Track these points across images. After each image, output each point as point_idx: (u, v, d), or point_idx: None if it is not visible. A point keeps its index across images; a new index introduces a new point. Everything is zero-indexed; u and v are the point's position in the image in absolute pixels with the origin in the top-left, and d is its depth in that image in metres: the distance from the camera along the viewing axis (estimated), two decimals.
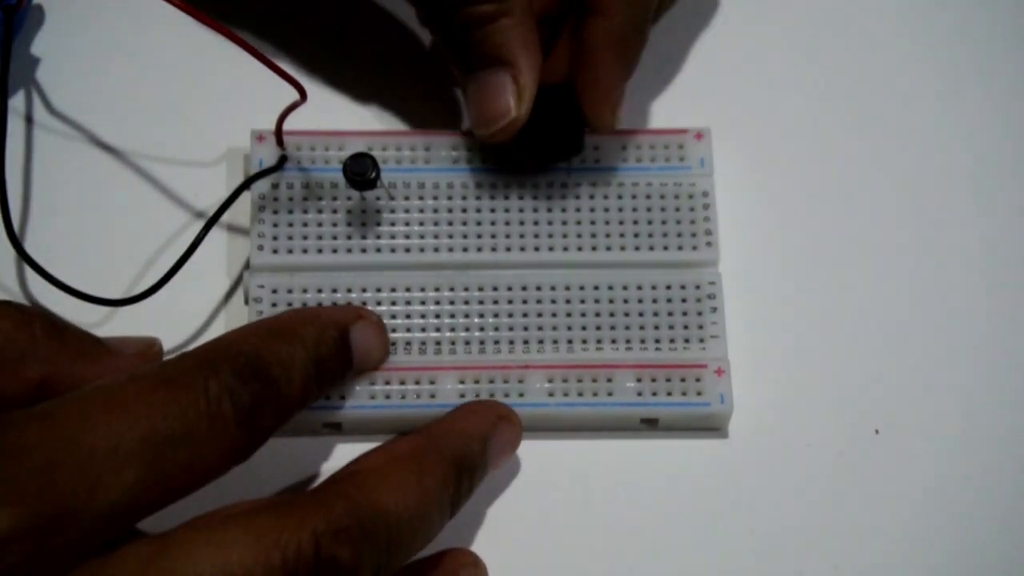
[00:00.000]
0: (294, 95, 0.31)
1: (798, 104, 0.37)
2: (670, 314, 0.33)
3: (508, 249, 0.34)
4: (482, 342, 0.33)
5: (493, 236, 0.34)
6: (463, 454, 0.29)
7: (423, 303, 0.33)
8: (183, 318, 0.33)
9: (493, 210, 0.34)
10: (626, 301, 0.33)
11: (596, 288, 0.33)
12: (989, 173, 0.36)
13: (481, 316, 0.33)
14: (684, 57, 0.37)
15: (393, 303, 0.33)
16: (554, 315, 0.33)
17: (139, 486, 0.24)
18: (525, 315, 0.33)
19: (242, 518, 0.24)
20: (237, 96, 0.36)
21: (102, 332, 0.33)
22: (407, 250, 0.33)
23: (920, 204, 0.36)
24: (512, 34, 0.31)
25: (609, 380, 0.32)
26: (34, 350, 0.27)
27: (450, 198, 0.34)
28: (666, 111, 0.36)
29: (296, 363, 0.27)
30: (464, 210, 0.34)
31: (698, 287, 0.33)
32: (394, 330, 0.33)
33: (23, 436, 0.23)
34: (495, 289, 0.33)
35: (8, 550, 0.22)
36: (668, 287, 0.33)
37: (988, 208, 0.36)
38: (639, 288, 0.33)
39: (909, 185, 0.36)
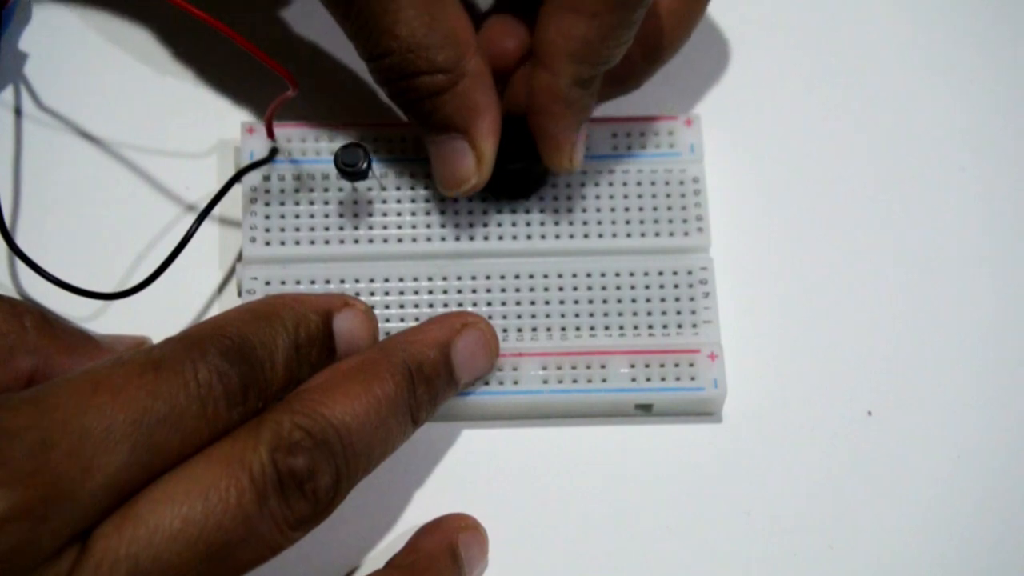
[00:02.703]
0: (284, 86, 0.31)
1: (787, 89, 0.37)
2: (663, 300, 0.33)
3: (500, 238, 0.34)
4: None
5: (485, 225, 0.34)
6: (417, 361, 0.29)
7: (416, 292, 0.33)
8: (176, 311, 0.33)
9: (484, 199, 0.34)
10: (619, 288, 0.33)
11: (588, 275, 0.33)
12: (980, 154, 0.36)
13: (474, 305, 0.33)
14: None
15: (386, 293, 0.33)
16: (547, 302, 0.33)
17: (132, 467, 0.24)
18: (518, 303, 0.33)
19: (202, 452, 0.25)
20: (227, 88, 0.36)
21: (95, 326, 0.33)
22: (399, 240, 0.34)
23: (910, 187, 0.36)
24: (466, 102, 0.31)
25: (603, 366, 0.32)
26: (24, 342, 0.27)
27: None
28: (656, 98, 0.36)
29: (278, 346, 0.27)
30: (456, 199, 0.34)
31: (690, 272, 0.33)
32: (387, 320, 0.33)
33: (15, 418, 0.23)
34: (488, 278, 0.33)
35: (4, 531, 0.22)
36: (660, 273, 0.33)
37: (978, 190, 0.36)
38: (631, 275, 0.33)
39: (899, 169, 0.36)
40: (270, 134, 0.34)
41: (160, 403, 0.24)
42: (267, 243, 0.33)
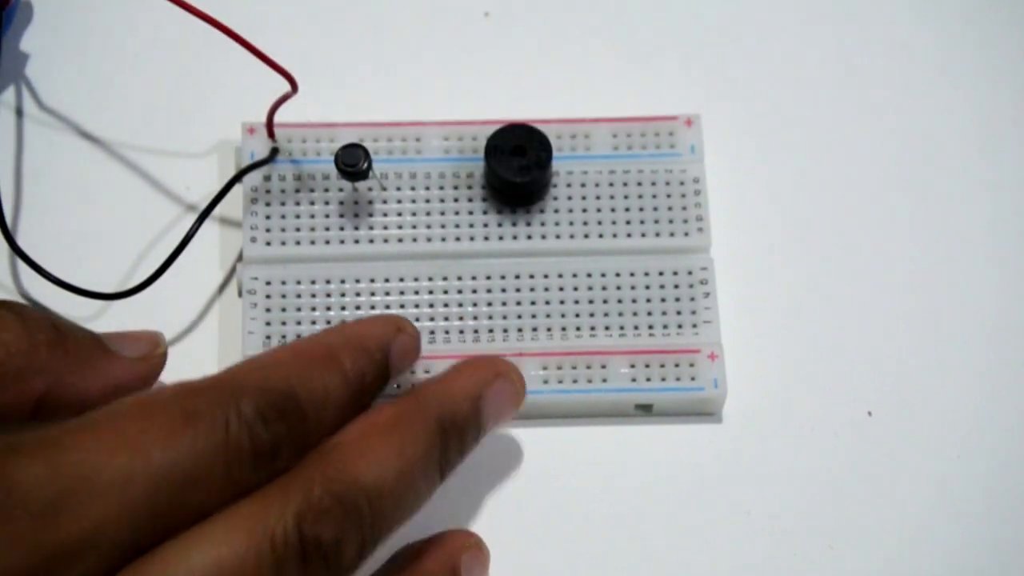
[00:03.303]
0: (285, 86, 0.31)
1: (787, 90, 0.37)
2: (663, 300, 0.33)
3: (500, 238, 0.34)
4: (476, 330, 0.33)
5: (485, 225, 0.34)
6: (451, 415, 0.28)
7: (416, 292, 0.33)
8: (177, 311, 0.33)
9: (485, 199, 0.34)
10: (619, 288, 0.33)
11: (589, 275, 0.33)
12: (981, 154, 0.36)
13: (475, 304, 0.33)
14: (674, 43, 0.37)
15: (387, 293, 0.33)
16: (547, 302, 0.33)
17: (148, 527, 0.23)
18: (519, 303, 0.33)
19: (224, 512, 0.24)
20: (227, 88, 0.36)
21: (96, 326, 0.33)
22: (400, 240, 0.34)
23: (912, 187, 0.36)
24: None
25: (603, 366, 0.32)
26: (37, 363, 0.26)
27: (442, 188, 0.34)
28: (656, 98, 0.36)
29: (330, 397, 0.26)
30: (456, 199, 0.34)
31: (690, 273, 0.33)
32: None
33: (30, 468, 0.22)
34: (488, 278, 0.33)
35: None
36: (660, 273, 0.33)
37: (980, 190, 0.36)
38: (632, 275, 0.33)
39: (900, 169, 0.36)
40: (271, 134, 0.34)
41: (184, 462, 0.23)
42: (267, 243, 0.33)
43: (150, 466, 0.23)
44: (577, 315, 0.33)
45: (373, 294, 0.33)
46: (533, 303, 0.33)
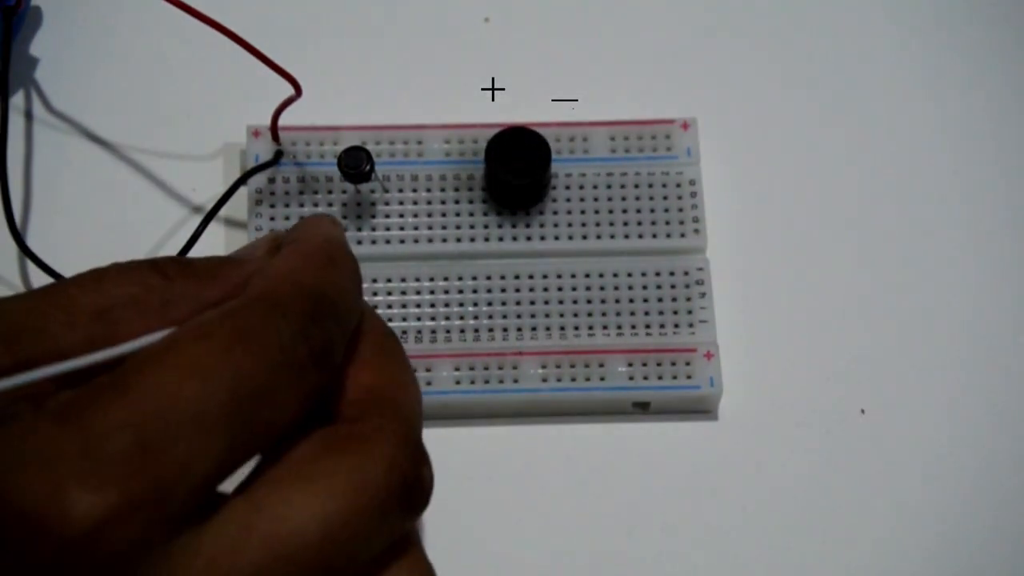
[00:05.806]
0: (289, 90, 0.31)
1: (782, 93, 0.37)
2: (660, 300, 0.34)
3: (500, 239, 0.34)
4: (476, 330, 0.33)
5: (486, 227, 0.34)
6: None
7: (418, 293, 0.34)
8: None
9: (485, 201, 0.34)
10: (617, 288, 0.34)
11: (587, 276, 0.34)
12: (971, 157, 0.37)
13: (475, 305, 0.34)
14: (670, 47, 0.38)
15: (389, 293, 0.34)
16: (547, 303, 0.34)
17: (228, 452, 0.22)
18: (518, 303, 0.34)
19: (318, 464, 0.23)
20: (232, 92, 0.36)
21: None
22: (402, 241, 0.34)
23: (903, 188, 0.36)
24: None
25: (601, 365, 0.33)
26: (173, 293, 0.25)
27: (443, 190, 0.35)
28: (653, 101, 0.36)
29: (348, 290, 0.26)
30: (457, 201, 0.34)
31: (687, 273, 0.34)
32: (390, 320, 0.33)
33: (108, 416, 0.21)
34: (488, 278, 0.34)
35: (105, 536, 0.21)
36: (657, 274, 0.34)
37: (970, 189, 0.36)
38: (629, 275, 0.34)
39: (892, 170, 0.36)
40: (275, 137, 0.34)
41: (249, 380, 0.22)
42: None
43: (219, 389, 0.22)
44: (575, 315, 0.33)
45: (375, 294, 0.33)
46: (532, 303, 0.34)
